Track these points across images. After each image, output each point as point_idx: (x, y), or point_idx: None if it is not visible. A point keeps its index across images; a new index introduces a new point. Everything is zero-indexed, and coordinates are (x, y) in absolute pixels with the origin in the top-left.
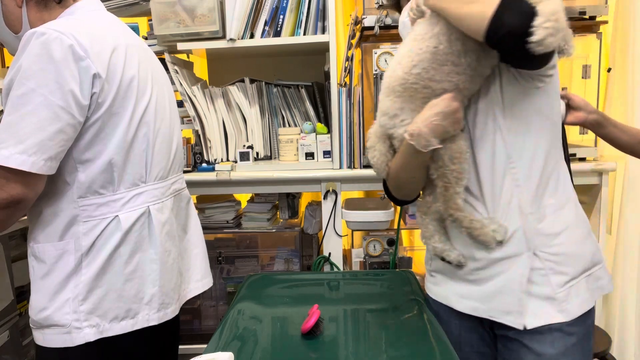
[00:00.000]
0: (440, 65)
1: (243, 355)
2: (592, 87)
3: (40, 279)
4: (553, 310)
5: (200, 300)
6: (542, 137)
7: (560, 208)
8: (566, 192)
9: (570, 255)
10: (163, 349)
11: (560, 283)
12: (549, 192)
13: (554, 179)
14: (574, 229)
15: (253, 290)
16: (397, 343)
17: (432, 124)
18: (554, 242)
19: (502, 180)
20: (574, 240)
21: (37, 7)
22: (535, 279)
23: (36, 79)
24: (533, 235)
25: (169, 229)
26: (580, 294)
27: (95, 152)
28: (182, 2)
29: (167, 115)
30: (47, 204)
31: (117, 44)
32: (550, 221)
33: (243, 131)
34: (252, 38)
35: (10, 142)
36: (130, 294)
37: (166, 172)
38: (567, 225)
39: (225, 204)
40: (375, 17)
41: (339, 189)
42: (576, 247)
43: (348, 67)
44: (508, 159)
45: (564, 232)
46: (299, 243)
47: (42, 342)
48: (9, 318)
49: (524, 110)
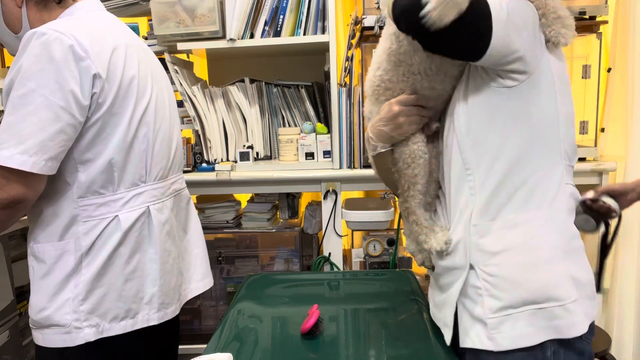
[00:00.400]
0: (395, 66)
1: (243, 355)
2: (592, 87)
3: (40, 279)
4: (483, 334)
5: (200, 300)
6: (510, 144)
7: (513, 227)
8: (540, 210)
9: (508, 279)
10: (163, 349)
11: (493, 308)
12: (512, 206)
13: (526, 191)
14: (520, 252)
15: (253, 290)
16: (396, 343)
17: (375, 129)
18: (490, 260)
19: (459, 187)
20: (515, 265)
21: (37, 8)
22: (472, 296)
23: (37, 79)
24: (472, 249)
25: (169, 229)
26: (517, 327)
27: (95, 152)
28: (182, 2)
29: (167, 115)
30: (47, 204)
31: (117, 44)
32: (492, 238)
33: (243, 131)
34: (252, 38)
35: (11, 142)
36: (130, 293)
37: (166, 172)
38: (511, 247)
39: (225, 204)
40: (375, 17)
41: (339, 189)
42: (517, 273)
43: (348, 67)
44: (464, 165)
45: (503, 252)
46: (299, 243)
47: (41, 342)
48: (9, 318)
49: (487, 112)
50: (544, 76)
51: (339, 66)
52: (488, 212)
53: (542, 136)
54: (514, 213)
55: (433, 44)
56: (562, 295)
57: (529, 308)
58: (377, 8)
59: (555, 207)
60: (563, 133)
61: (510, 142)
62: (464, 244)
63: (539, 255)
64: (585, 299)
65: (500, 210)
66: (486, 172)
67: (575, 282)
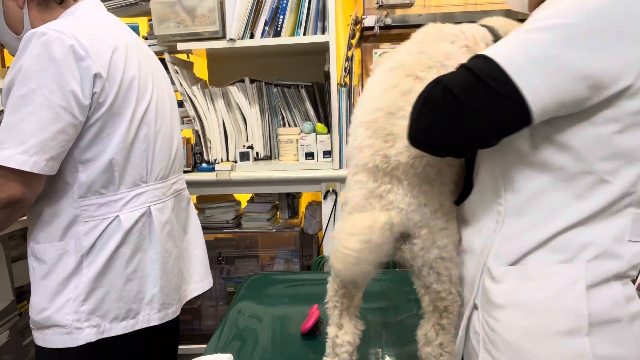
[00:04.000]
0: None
1: (243, 355)
2: None
3: (41, 279)
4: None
5: (200, 300)
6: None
7: (526, 278)
8: (572, 264)
9: (508, 343)
10: (163, 349)
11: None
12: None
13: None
14: (532, 315)
15: (253, 290)
16: (397, 343)
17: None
18: (493, 312)
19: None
20: (520, 327)
21: (38, 8)
22: (473, 338)
23: (37, 79)
24: (480, 288)
25: (169, 230)
26: None
27: (96, 152)
28: (182, 2)
29: (168, 116)
30: (48, 204)
31: (117, 44)
32: (500, 287)
33: (243, 131)
34: (252, 38)
35: (12, 142)
36: (131, 294)
37: (167, 172)
38: (521, 303)
39: (225, 204)
40: (375, 17)
41: (339, 189)
42: (520, 338)
43: (348, 67)
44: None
45: (508, 307)
46: (299, 243)
47: (42, 342)
48: (9, 318)
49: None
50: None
51: (339, 66)
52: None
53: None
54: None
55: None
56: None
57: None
58: (377, 8)
59: (601, 262)
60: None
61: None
62: (473, 275)
63: (549, 321)
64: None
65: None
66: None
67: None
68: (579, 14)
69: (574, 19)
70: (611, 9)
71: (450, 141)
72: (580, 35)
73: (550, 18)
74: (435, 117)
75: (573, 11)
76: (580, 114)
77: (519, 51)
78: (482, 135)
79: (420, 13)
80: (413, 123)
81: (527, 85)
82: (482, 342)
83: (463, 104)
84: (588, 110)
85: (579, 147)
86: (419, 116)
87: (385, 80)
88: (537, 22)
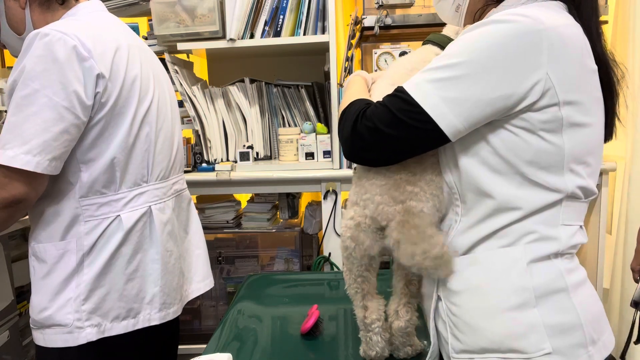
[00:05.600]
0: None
1: (243, 355)
2: None
3: (41, 278)
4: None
5: (200, 300)
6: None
7: (474, 263)
8: (513, 246)
9: (467, 324)
10: (163, 349)
11: (455, 348)
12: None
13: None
14: (483, 295)
15: (253, 290)
16: None
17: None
18: (452, 299)
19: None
20: (474, 308)
21: (41, 9)
22: (441, 326)
23: (40, 79)
24: (439, 281)
25: (170, 229)
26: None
27: (98, 151)
28: (182, 2)
29: (169, 116)
30: (49, 204)
31: (119, 44)
32: (456, 274)
33: (243, 131)
34: (252, 38)
35: (15, 142)
36: (132, 293)
37: (168, 172)
38: (473, 287)
39: (225, 204)
40: (375, 17)
41: (339, 189)
42: (474, 318)
43: (348, 67)
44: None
45: (464, 292)
46: (299, 243)
47: (42, 342)
48: (9, 318)
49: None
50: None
51: (339, 66)
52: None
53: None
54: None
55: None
56: (527, 347)
57: (492, 356)
58: (377, 8)
59: (538, 245)
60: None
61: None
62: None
63: (511, 301)
64: (574, 348)
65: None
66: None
67: (553, 330)
68: (472, 52)
69: (468, 57)
70: (491, 42)
71: (384, 159)
72: (479, 69)
73: (453, 56)
74: (364, 147)
75: (469, 49)
76: (499, 121)
77: (429, 89)
78: (410, 152)
79: (420, 13)
80: (346, 144)
81: (439, 116)
82: (449, 328)
83: (389, 135)
84: (506, 118)
85: (504, 152)
86: (352, 140)
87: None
88: (443, 59)
